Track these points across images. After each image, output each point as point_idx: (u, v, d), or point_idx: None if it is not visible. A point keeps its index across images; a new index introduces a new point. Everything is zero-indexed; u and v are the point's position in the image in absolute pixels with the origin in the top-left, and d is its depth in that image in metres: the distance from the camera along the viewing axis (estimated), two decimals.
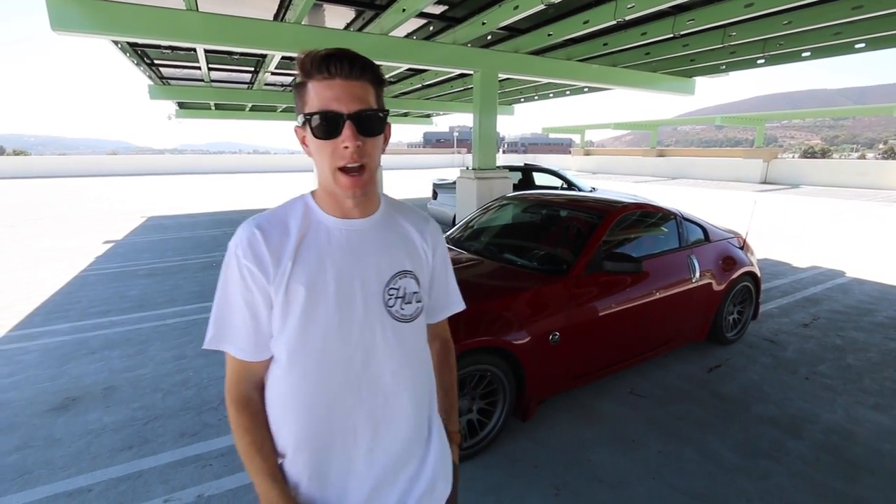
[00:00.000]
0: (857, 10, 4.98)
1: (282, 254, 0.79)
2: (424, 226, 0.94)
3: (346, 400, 0.82)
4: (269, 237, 0.79)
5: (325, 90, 0.74)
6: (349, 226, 0.83)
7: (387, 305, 0.83)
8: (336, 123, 0.74)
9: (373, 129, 0.77)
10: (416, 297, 0.87)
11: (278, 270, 0.78)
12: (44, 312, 4.29)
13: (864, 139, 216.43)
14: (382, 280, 0.84)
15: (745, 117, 21.64)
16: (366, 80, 0.76)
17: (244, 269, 0.78)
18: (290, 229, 0.81)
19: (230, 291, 0.80)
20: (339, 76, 0.74)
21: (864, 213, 10.65)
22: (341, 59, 0.73)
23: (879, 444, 2.39)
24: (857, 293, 4.86)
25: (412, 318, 0.87)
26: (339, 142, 0.75)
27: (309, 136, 0.77)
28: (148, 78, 10.62)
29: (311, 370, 0.80)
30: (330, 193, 0.82)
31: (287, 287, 0.78)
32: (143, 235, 8.08)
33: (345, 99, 0.74)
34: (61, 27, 4.36)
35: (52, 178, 21.19)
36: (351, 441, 0.83)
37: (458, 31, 6.22)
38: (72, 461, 2.24)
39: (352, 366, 0.81)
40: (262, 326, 0.81)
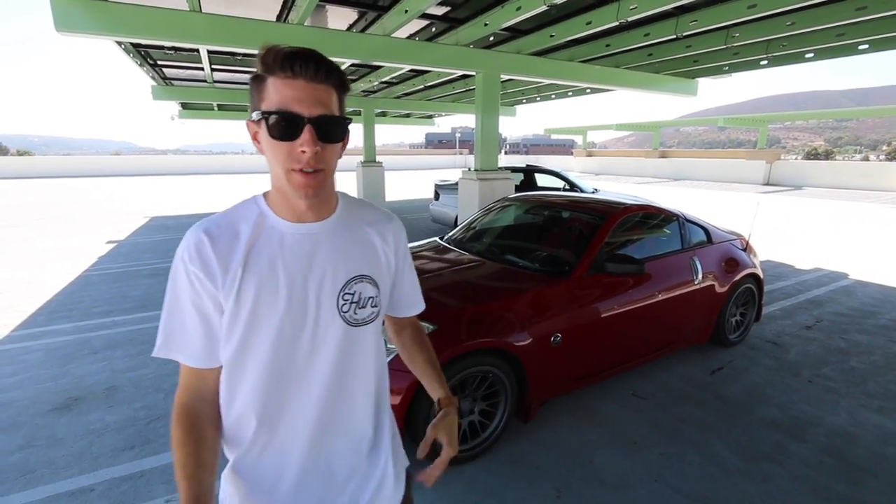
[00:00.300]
0: (861, 12, 4.96)
1: (230, 260, 0.76)
2: (385, 225, 0.92)
3: (298, 405, 0.81)
4: (217, 242, 0.77)
5: (286, 89, 0.70)
6: (303, 230, 0.81)
7: (341, 311, 0.82)
8: (295, 125, 0.71)
9: (333, 135, 0.74)
10: (371, 302, 0.85)
11: (227, 277, 0.76)
12: (46, 312, 4.30)
13: (867, 141, 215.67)
14: (337, 286, 0.81)
15: (748, 118, 21.60)
16: (330, 85, 0.73)
17: (192, 274, 0.76)
18: (240, 234, 0.78)
19: (179, 297, 0.78)
20: (302, 77, 0.70)
21: (867, 215, 10.61)
22: (306, 60, 0.70)
23: (883, 448, 2.37)
24: (861, 295, 4.84)
25: (366, 322, 0.85)
26: (297, 144, 0.71)
27: (263, 133, 0.73)
28: (151, 79, 10.66)
29: (262, 377, 0.79)
30: (282, 194, 0.79)
31: (237, 295, 0.76)
32: (145, 235, 8.10)
33: (307, 101, 0.71)
34: (65, 28, 4.38)
35: (56, 179, 21.28)
36: (301, 446, 0.82)
37: (461, 32, 6.22)
38: (74, 461, 2.25)
39: (303, 371, 0.80)
40: (213, 332, 0.79)
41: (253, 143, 0.78)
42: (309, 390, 0.82)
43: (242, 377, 0.80)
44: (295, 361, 0.80)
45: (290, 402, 0.81)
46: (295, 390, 0.81)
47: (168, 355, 0.79)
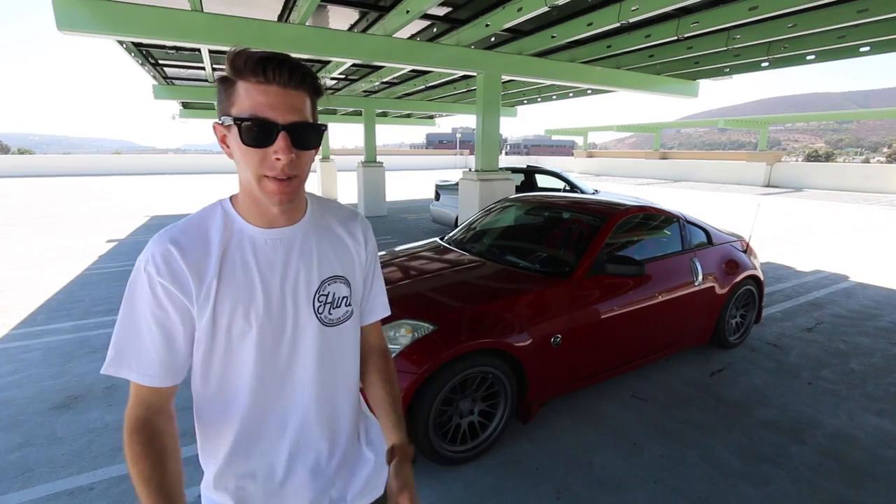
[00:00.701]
0: (862, 14, 4.96)
1: (204, 271, 0.73)
2: (353, 223, 0.91)
3: (281, 409, 0.81)
4: (187, 252, 0.73)
5: (259, 95, 0.68)
6: (275, 235, 0.79)
7: (316, 312, 0.82)
8: (269, 132, 0.69)
9: (308, 142, 0.73)
10: (345, 301, 0.85)
11: (202, 289, 0.73)
12: (46, 311, 4.30)
13: (868, 143, 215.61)
14: (311, 288, 0.81)
15: (749, 120, 21.60)
16: (303, 91, 0.71)
17: (158, 287, 0.72)
18: (211, 242, 0.75)
19: (138, 311, 0.74)
20: (275, 83, 0.68)
21: (867, 217, 10.60)
22: (280, 65, 0.68)
23: (883, 450, 2.37)
24: (861, 297, 4.83)
25: (340, 321, 0.85)
26: (270, 151, 0.69)
27: (235, 138, 0.71)
28: (152, 78, 10.67)
29: (243, 386, 0.78)
30: (253, 200, 0.77)
31: (214, 307, 0.74)
32: (146, 234, 8.10)
33: (280, 108, 0.69)
34: (67, 27, 4.38)
35: (56, 177, 21.29)
36: (286, 447, 0.82)
37: (462, 32, 6.22)
38: (73, 459, 2.25)
39: (284, 376, 0.80)
40: (175, 348, 0.75)
41: (220, 146, 0.75)
42: (291, 393, 0.82)
43: (225, 386, 0.79)
44: (276, 367, 0.79)
45: (273, 407, 0.81)
46: (277, 395, 0.81)
47: (118, 373, 0.74)
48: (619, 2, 5.15)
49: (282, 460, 0.83)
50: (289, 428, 0.83)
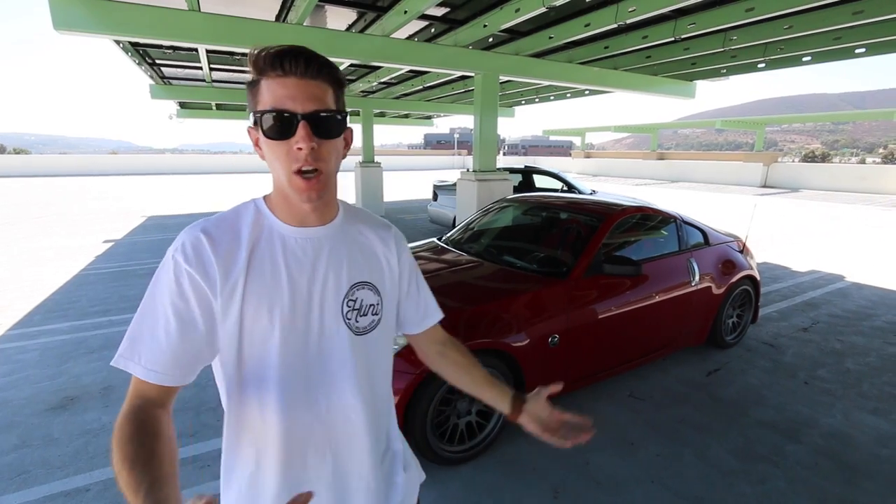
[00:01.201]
0: (857, 16, 4.99)
1: (232, 265, 0.72)
2: (386, 232, 0.90)
3: (304, 417, 0.78)
4: (218, 244, 0.72)
5: (278, 88, 0.68)
6: (306, 234, 0.78)
7: (345, 318, 0.79)
8: (290, 123, 0.68)
9: (330, 131, 0.71)
10: (372, 310, 0.83)
11: (227, 283, 0.71)
12: (43, 311, 4.29)
13: (864, 143, 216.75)
14: (340, 292, 0.79)
15: (746, 121, 21.69)
16: (323, 80, 0.71)
17: (184, 275, 0.70)
18: (241, 237, 0.74)
19: (158, 301, 0.71)
20: (293, 74, 0.68)
21: (863, 218, 10.66)
22: (296, 56, 0.68)
23: (878, 449, 2.39)
24: (857, 297, 4.86)
25: (367, 330, 0.83)
26: (293, 142, 0.69)
27: (261, 135, 0.71)
28: (149, 78, 10.64)
29: (269, 389, 0.75)
30: (285, 198, 0.76)
31: (241, 303, 0.72)
32: (143, 235, 8.08)
33: (299, 98, 0.68)
34: (64, 27, 4.37)
35: (53, 177, 21.20)
36: (310, 460, 0.79)
37: (460, 33, 6.23)
38: (69, 461, 2.24)
39: (309, 382, 0.77)
40: (190, 344, 0.71)
41: (255, 150, 0.76)
42: (318, 404, 0.78)
43: (248, 391, 0.76)
44: (302, 372, 0.77)
45: (301, 416, 0.77)
46: (304, 402, 0.77)
47: (126, 367, 0.71)
48: (617, 3, 5.17)
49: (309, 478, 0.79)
50: (312, 445, 0.79)
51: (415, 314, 0.96)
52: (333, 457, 0.81)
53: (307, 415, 0.78)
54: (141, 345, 0.71)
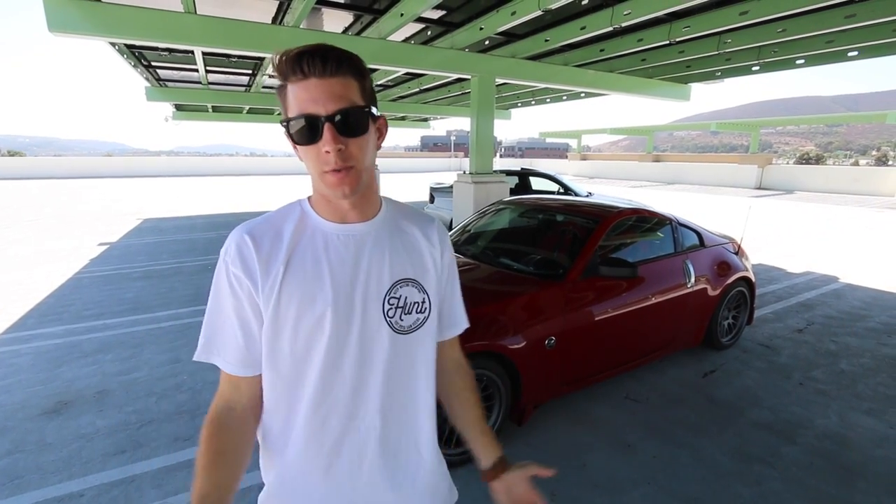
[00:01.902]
0: (849, 19, 5.05)
1: (272, 262, 0.73)
2: (430, 228, 0.87)
3: (343, 416, 0.77)
4: (260, 244, 0.74)
5: (301, 91, 0.68)
6: (347, 230, 0.77)
7: (386, 316, 0.77)
8: (315, 127, 0.68)
9: (356, 128, 0.70)
10: (416, 308, 0.80)
11: (268, 280, 0.73)
12: (37, 315, 4.25)
13: (857, 145, 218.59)
14: (382, 289, 0.77)
15: (741, 123, 21.82)
16: (344, 75, 0.69)
17: (232, 276, 0.74)
18: (283, 235, 0.76)
19: (220, 300, 0.76)
20: (313, 75, 0.67)
21: (857, 219, 10.74)
22: (313, 56, 0.67)
23: (873, 450, 2.40)
24: (851, 298, 4.89)
25: (412, 329, 0.80)
26: (321, 146, 0.69)
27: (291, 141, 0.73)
28: (145, 80, 10.61)
29: (308, 386, 0.75)
30: (324, 196, 0.77)
31: (279, 297, 0.73)
32: (138, 238, 8.04)
33: (321, 99, 0.67)
34: (58, 29, 4.35)
35: (48, 180, 21.07)
36: (347, 460, 0.78)
37: (456, 35, 6.25)
38: (63, 466, 2.22)
39: (349, 380, 0.76)
40: (251, 339, 0.76)
41: (294, 151, 0.76)
42: (355, 401, 0.77)
43: (289, 389, 0.76)
44: (343, 372, 0.76)
45: (339, 414, 0.77)
46: (345, 405, 0.76)
47: (209, 359, 0.78)
48: (612, 6, 5.20)
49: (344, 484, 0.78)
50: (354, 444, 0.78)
51: (445, 319, 0.91)
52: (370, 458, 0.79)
53: (344, 413, 0.77)
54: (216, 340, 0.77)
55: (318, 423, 0.76)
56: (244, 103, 12.44)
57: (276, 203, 13.28)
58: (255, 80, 10.25)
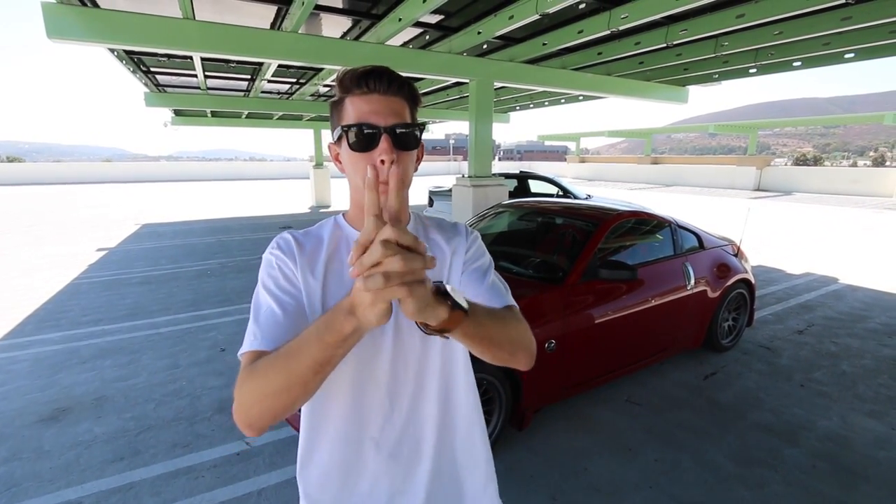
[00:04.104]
0: (846, 22, 5.07)
1: (314, 263, 0.79)
2: (453, 230, 0.92)
3: (378, 419, 0.80)
4: (303, 245, 0.81)
5: (363, 104, 0.74)
6: None
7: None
8: (372, 137, 0.73)
9: (408, 143, 0.76)
10: None
11: (309, 277, 0.78)
12: (35, 321, 4.24)
13: (854, 147, 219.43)
14: None
15: (738, 125, 21.87)
16: (402, 97, 0.77)
17: (280, 262, 0.78)
18: (323, 242, 0.82)
19: (265, 289, 0.77)
20: (376, 91, 0.74)
21: (856, 220, 10.75)
22: (380, 75, 0.74)
23: (875, 452, 2.39)
24: (851, 299, 4.89)
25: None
26: (375, 155, 0.73)
27: (344, 150, 0.76)
28: (144, 85, 10.62)
29: (344, 390, 0.78)
30: (362, 209, 0.76)
31: (322, 304, 0.77)
32: (137, 243, 8.03)
33: (382, 112, 0.74)
34: (57, 35, 4.36)
35: (47, 186, 21.07)
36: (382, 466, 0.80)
37: (454, 40, 6.27)
38: (61, 473, 2.20)
39: (384, 383, 0.79)
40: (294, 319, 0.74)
41: (335, 164, 0.82)
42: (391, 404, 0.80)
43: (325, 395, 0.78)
44: (376, 375, 0.78)
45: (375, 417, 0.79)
46: (377, 404, 0.79)
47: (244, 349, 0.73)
48: (609, 10, 5.22)
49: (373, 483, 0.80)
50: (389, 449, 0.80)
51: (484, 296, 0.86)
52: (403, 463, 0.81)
53: (380, 416, 0.80)
54: (257, 327, 0.74)
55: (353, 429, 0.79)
56: (243, 108, 12.45)
57: (275, 208, 13.28)
58: (254, 85, 10.26)
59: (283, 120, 16.16)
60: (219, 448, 2.39)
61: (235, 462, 2.29)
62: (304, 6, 4.66)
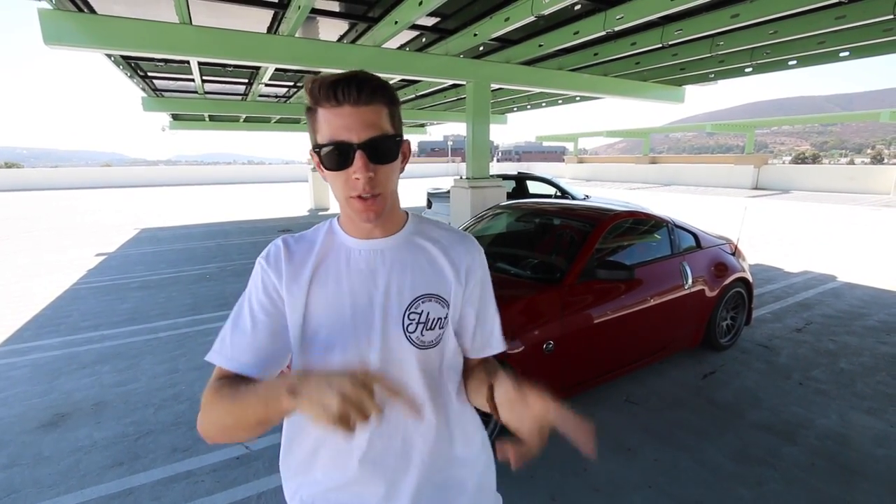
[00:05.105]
0: (840, 20, 5.10)
1: (301, 269, 0.78)
2: (459, 242, 0.86)
3: (364, 432, 0.77)
4: (292, 254, 0.80)
5: (334, 118, 0.70)
6: (370, 246, 0.80)
7: (406, 331, 0.77)
8: (346, 154, 0.70)
9: (386, 155, 0.72)
10: (439, 324, 0.80)
11: (293, 285, 0.76)
12: (34, 327, 4.24)
13: (852, 144, 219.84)
14: (403, 303, 0.78)
15: (736, 124, 21.93)
16: (377, 104, 0.71)
17: (265, 274, 0.78)
18: (313, 249, 0.80)
19: (246, 300, 0.79)
20: (347, 103, 0.69)
21: (853, 218, 10.78)
22: (349, 84, 0.69)
23: (874, 449, 2.39)
24: (849, 297, 4.90)
25: (433, 344, 0.80)
26: (351, 172, 0.71)
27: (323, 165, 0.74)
28: (141, 90, 10.64)
29: None
30: (348, 217, 0.80)
31: (305, 308, 0.76)
32: (136, 247, 8.03)
33: (355, 127, 0.69)
34: (54, 41, 4.37)
35: (45, 191, 21.05)
36: (369, 481, 0.78)
37: (451, 42, 6.29)
38: (60, 479, 2.20)
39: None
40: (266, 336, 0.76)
41: (318, 170, 0.78)
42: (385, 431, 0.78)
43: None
44: None
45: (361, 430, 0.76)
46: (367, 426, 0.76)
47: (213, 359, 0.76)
48: (605, 11, 5.25)
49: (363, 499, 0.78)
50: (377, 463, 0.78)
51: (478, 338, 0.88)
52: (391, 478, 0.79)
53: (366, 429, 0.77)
54: (229, 339, 0.76)
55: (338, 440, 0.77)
56: (241, 112, 12.48)
57: (274, 211, 13.28)
58: (252, 88, 10.28)
59: (280, 123, 16.18)
60: (218, 452, 2.39)
61: (235, 466, 2.29)
62: (300, 10, 4.68)
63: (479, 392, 0.82)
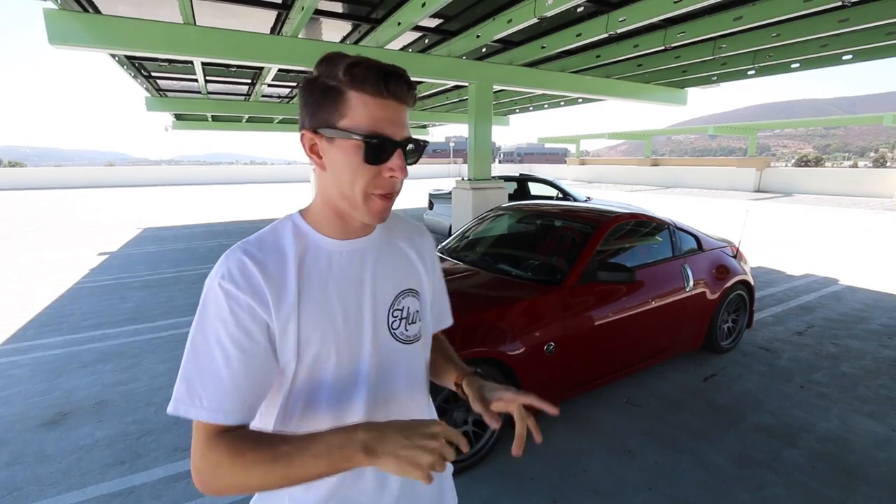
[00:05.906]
0: (843, 23, 5.09)
1: (283, 285, 0.68)
2: (419, 237, 0.88)
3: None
4: (264, 266, 0.67)
5: (379, 110, 0.65)
6: (351, 247, 0.75)
7: (391, 328, 0.77)
8: (386, 149, 0.66)
9: (413, 157, 0.72)
10: (418, 317, 0.81)
11: (281, 305, 0.67)
12: (36, 325, 4.25)
13: (855, 148, 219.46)
14: (387, 302, 0.77)
15: (738, 127, 21.89)
16: (410, 105, 0.69)
17: (237, 302, 0.65)
18: (287, 256, 0.70)
19: (212, 336, 0.65)
20: (393, 97, 0.65)
21: (856, 221, 10.75)
22: (400, 80, 0.65)
23: (875, 453, 2.39)
24: (851, 301, 4.89)
25: (415, 339, 0.81)
26: (384, 168, 0.67)
27: (341, 151, 0.66)
28: (145, 90, 10.68)
29: (324, 409, 0.73)
30: (338, 214, 0.73)
31: (298, 324, 0.68)
32: (138, 247, 8.05)
33: (398, 124, 0.67)
34: (59, 41, 4.39)
35: (48, 190, 21.14)
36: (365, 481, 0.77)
37: (453, 43, 6.30)
38: (62, 477, 2.21)
39: (365, 398, 0.75)
40: (253, 376, 0.66)
41: (309, 155, 0.69)
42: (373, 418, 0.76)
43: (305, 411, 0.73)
44: (357, 390, 0.74)
45: None
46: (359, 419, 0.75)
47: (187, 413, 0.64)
48: (607, 13, 5.25)
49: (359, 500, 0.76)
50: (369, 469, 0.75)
51: (435, 315, 0.92)
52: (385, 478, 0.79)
53: None
54: (200, 386, 0.64)
55: None
56: (244, 112, 12.52)
57: (276, 210, 13.31)
58: (255, 89, 10.31)
59: (283, 123, 16.22)
60: None
61: None
62: (303, 11, 4.69)
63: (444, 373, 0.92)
